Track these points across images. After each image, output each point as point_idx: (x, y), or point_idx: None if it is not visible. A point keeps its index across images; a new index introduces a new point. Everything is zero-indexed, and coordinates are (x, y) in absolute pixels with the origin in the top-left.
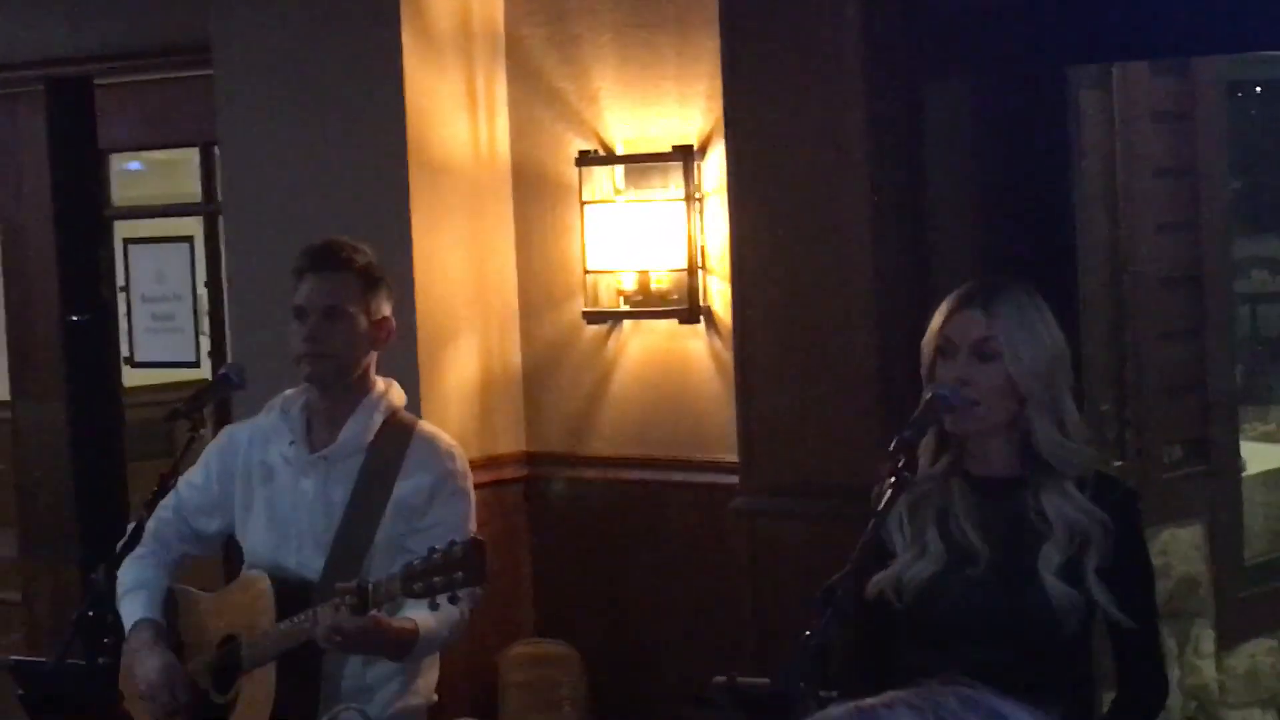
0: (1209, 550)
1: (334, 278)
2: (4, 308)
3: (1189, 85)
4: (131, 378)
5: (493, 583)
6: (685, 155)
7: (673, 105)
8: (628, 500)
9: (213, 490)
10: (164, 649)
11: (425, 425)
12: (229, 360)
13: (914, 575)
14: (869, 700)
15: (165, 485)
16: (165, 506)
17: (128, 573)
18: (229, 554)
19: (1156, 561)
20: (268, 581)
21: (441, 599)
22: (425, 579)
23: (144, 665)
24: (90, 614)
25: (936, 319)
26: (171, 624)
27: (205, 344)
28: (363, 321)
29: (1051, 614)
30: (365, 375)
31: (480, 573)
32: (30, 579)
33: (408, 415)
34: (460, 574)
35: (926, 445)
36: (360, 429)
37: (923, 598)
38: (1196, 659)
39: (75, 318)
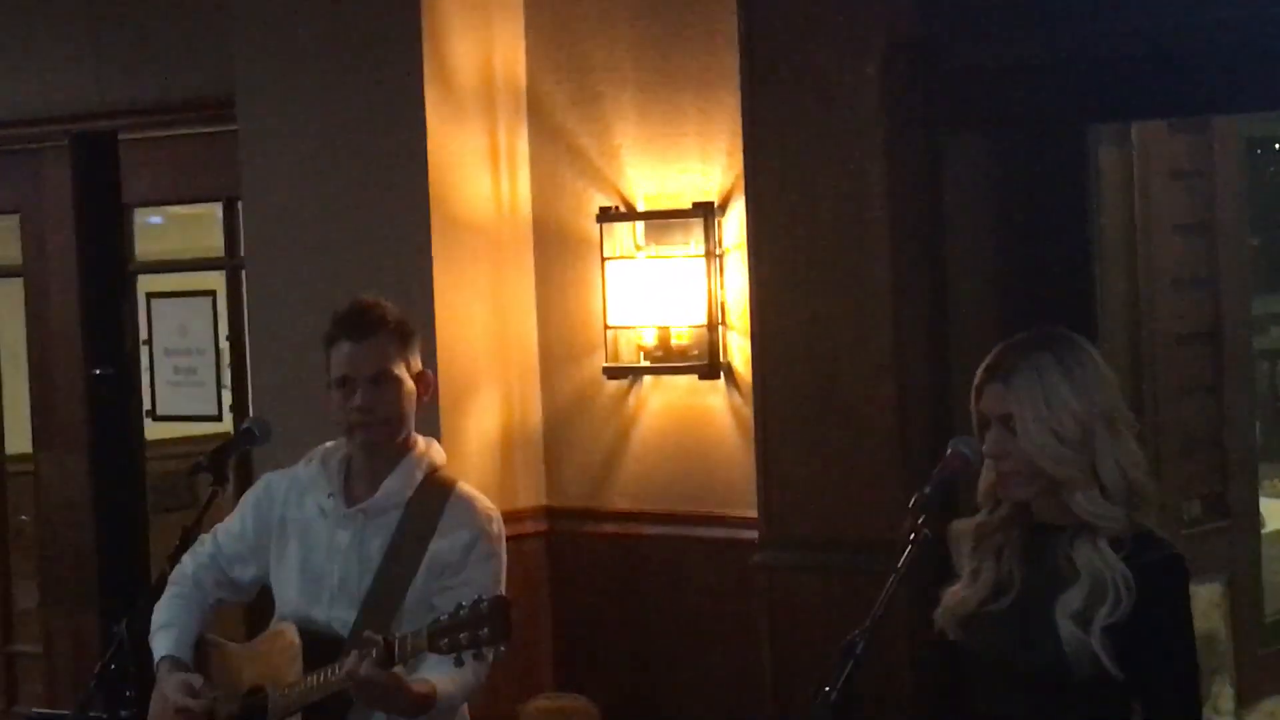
0: (1228, 607)
1: (373, 343)
2: (27, 360)
3: (1208, 143)
4: (153, 431)
5: (512, 637)
6: (706, 211)
7: (694, 162)
8: (647, 555)
9: (249, 538)
10: (184, 672)
11: (464, 486)
12: (251, 414)
13: (960, 602)
14: None
15: (188, 538)
16: (203, 552)
17: (161, 612)
18: (255, 601)
19: None
20: (296, 634)
21: (466, 655)
22: (452, 635)
23: (165, 688)
24: (112, 666)
25: (974, 393)
26: (202, 673)
27: (227, 398)
28: (408, 380)
29: (1062, 658)
30: (408, 433)
31: (505, 629)
32: (51, 630)
33: (447, 474)
34: (486, 630)
35: (986, 486)
36: (400, 485)
37: (965, 628)
38: (1216, 716)
39: (98, 371)
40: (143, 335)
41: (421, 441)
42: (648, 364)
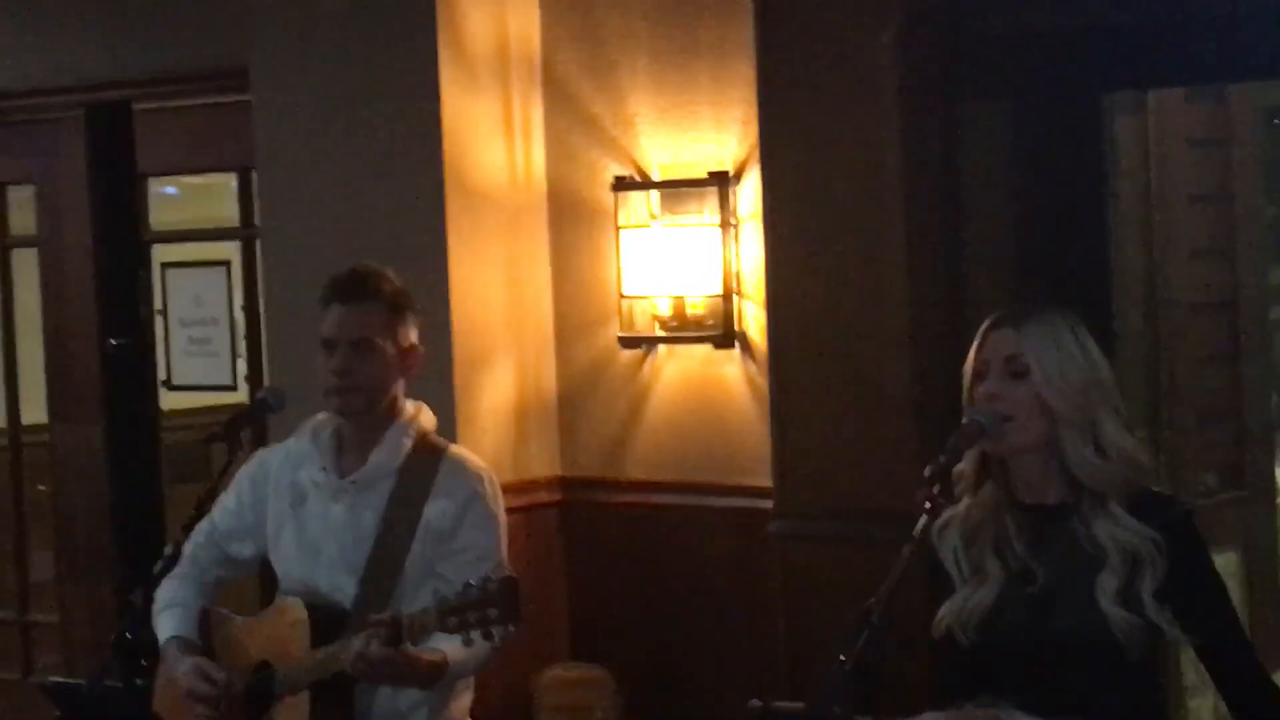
0: (1244, 577)
1: (361, 308)
2: (42, 331)
3: (1224, 111)
4: (168, 401)
5: (526, 607)
6: (721, 181)
7: (709, 131)
8: (662, 525)
9: (245, 515)
10: (195, 655)
11: (455, 448)
12: (266, 384)
13: (977, 603)
14: None
15: (202, 508)
16: (200, 530)
17: (164, 592)
18: (265, 577)
19: None
20: (303, 609)
21: (475, 634)
22: (460, 614)
23: (178, 671)
24: (128, 635)
25: (974, 343)
26: (206, 646)
27: (242, 367)
28: (391, 351)
29: (1114, 641)
30: (394, 401)
31: (515, 611)
32: (67, 601)
33: (438, 439)
34: (495, 611)
35: (966, 472)
36: (389, 453)
37: (986, 624)
38: None
39: (113, 341)
40: (157, 305)
41: (410, 406)
42: (662, 333)
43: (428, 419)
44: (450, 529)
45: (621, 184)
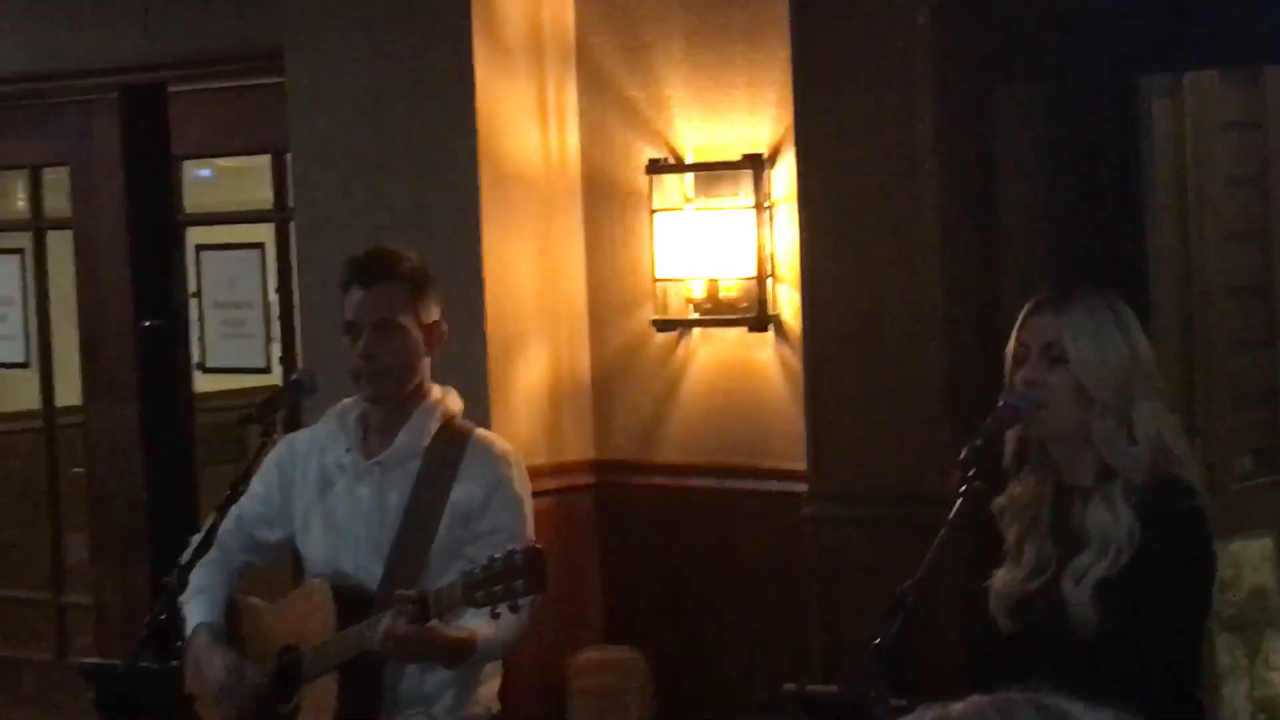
0: (1279, 561)
1: (382, 289)
2: (77, 313)
3: (1260, 94)
4: (203, 383)
5: (560, 589)
6: (755, 163)
7: (743, 113)
8: (696, 507)
9: (273, 500)
10: (224, 648)
11: (482, 431)
12: (300, 366)
13: (1004, 587)
14: (954, 706)
15: (236, 490)
16: (230, 515)
17: (193, 578)
18: (296, 563)
19: (1225, 573)
20: (328, 590)
21: (502, 607)
22: (486, 588)
23: (210, 665)
24: (163, 617)
25: (1015, 326)
26: (234, 634)
27: (276, 350)
28: (415, 330)
29: (1067, 622)
30: (421, 383)
31: (541, 581)
32: (102, 583)
33: (464, 422)
34: (521, 582)
35: (1008, 454)
36: (415, 435)
37: (1013, 611)
38: (1266, 671)
39: (147, 323)
40: (192, 288)
41: (437, 389)
42: (697, 316)
43: (455, 402)
44: (478, 511)
45: (656, 167)
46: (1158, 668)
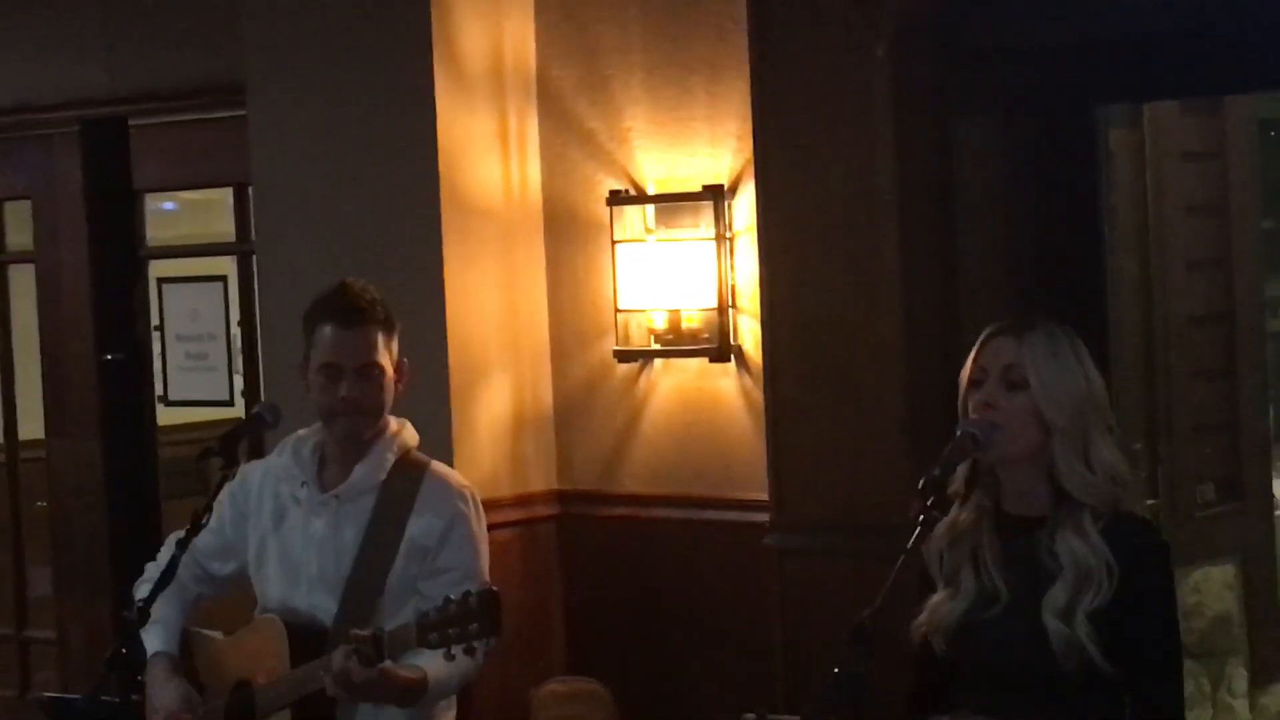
0: (1242, 589)
1: (361, 332)
2: (39, 346)
3: (1220, 124)
4: (165, 416)
5: (523, 620)
6: (716, 194)
7: (703, 145)
8: (658, 538)
9: (226, 533)
10: (181, 680)
11: (438, 465)
12: (262, 399)
13: (945, 616)
14: None
15: (197, 523)
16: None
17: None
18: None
19: (1189, 600)
20: (282, 626)
21: (457, 649)
22: (440, 629)
23: (162, 696)
24: (123, 650)
25: (973, 350)
26: (188, 667)
27: (239, 383)
28: (390, 370)
29: (1050, 656)
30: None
31: (495, 624)
32: (64, 616)
33: (420, 455)
34: (475, 625)
35: (958, 480)
36: (372, 468)
37: (954, 639)
38: (1230, 698)
39: (109, 356)
40: (154, 320)
41: (394, 423)
42: (658, 347)
43: (410, 435)
44: (434, 547)
45: (616, 198)
46: (1166, 706)
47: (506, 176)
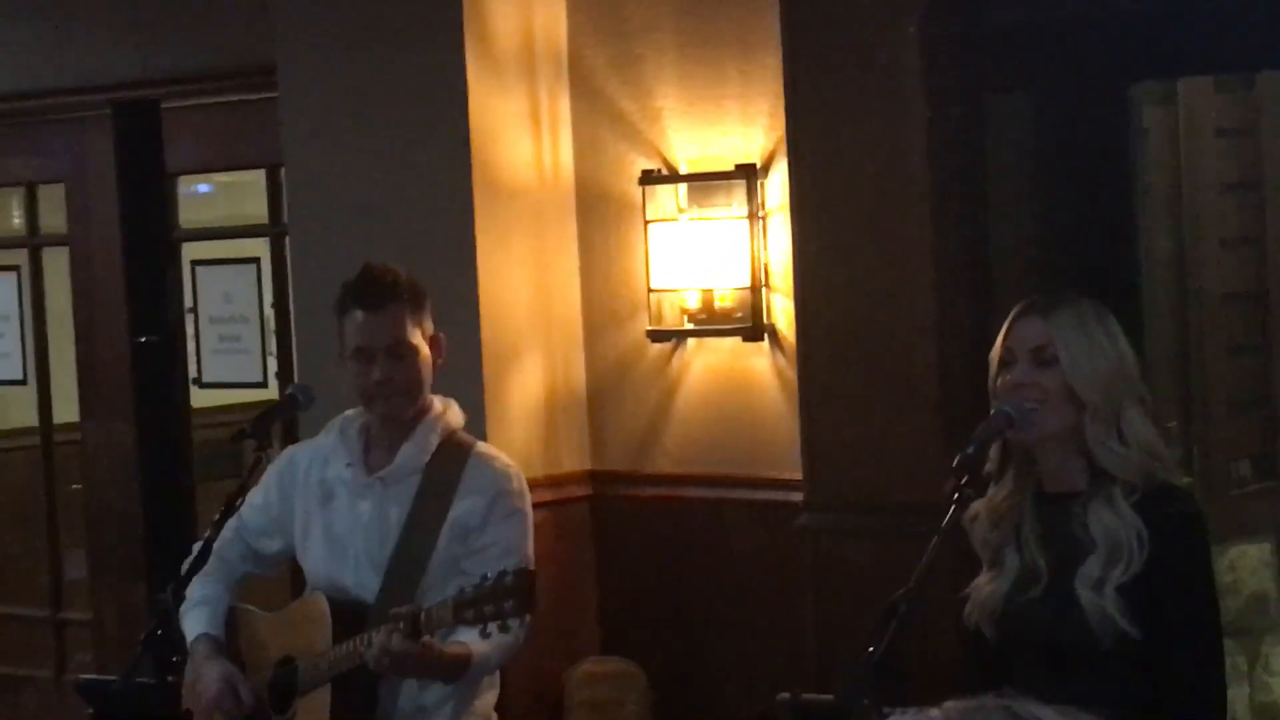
0: (1278, 566)
1: (388, 312)
2: (73, 329)
3: (1254, 100)
4: (199, 398)
5: (557, 601)
6: (748, 173)
7: (735, 124)
8: (691, 518)
9: (273, 511)
10: (223, 660)
11: (483, 446)
12: (295, 380)
13: (989, 597)
14: (929, 712)
15: (231, 505)
16: (229, 526)
17: (193, 589)
18: (295, 573)
19: (1225, 578)
20: (325, 603)
21: (492, 627)
22: (476, 607)
23: (206, 677)
24: (159, 632)
25: (1001, 331)
26: (231, 643)
27: (272, 364)
28: (423, 345)
29: (1088, 630)
30: (426, 397)
31: (530, 602)
32: (100, 599)
33: (466, 436)
34: (510, 603)
35: (992, 461)
36: (417, 450)
37: (1000, 621)
38: (1267, 676)
39: (143, 339)
40: (188, 303)
41: (438, 403)
42: (691, 327)
43: (455, 416)
44: (477, 526)
45: (649, 178)
46: (1201, 676)
47: (538, 157)
